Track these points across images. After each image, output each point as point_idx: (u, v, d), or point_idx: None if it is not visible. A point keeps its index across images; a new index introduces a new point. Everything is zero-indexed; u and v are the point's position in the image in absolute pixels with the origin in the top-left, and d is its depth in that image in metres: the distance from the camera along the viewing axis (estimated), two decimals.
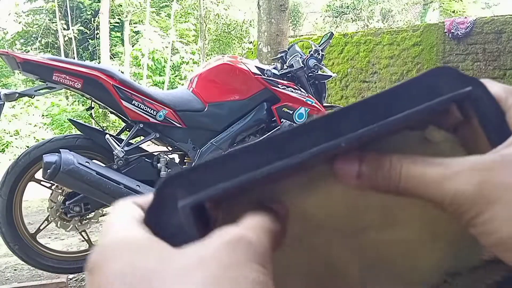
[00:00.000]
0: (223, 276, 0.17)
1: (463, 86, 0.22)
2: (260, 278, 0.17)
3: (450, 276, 0.25)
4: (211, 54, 13.47)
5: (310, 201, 0.24)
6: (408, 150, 0.23)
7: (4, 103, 1.99)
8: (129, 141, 2.16)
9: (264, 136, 0.22)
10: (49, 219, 2.16)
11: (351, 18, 13.90)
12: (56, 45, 14.50)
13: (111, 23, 13.33)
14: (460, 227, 0.21)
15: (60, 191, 2.11)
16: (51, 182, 2.02)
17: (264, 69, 2.37)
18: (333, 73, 2.70)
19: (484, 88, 0.23)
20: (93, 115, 2.40)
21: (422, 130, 0.24)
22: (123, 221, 0.21)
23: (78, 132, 2.18)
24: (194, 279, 0.16)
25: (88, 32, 14.06)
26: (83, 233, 2.26)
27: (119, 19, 13.89)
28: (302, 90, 2.40)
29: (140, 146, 2.20)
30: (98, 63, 7.77)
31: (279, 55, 2.68)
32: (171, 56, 13.55)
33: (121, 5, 13.38)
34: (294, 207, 0.23)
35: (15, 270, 2.53)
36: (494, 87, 0.23)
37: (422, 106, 0.21)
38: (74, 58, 12.41)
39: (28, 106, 9.67)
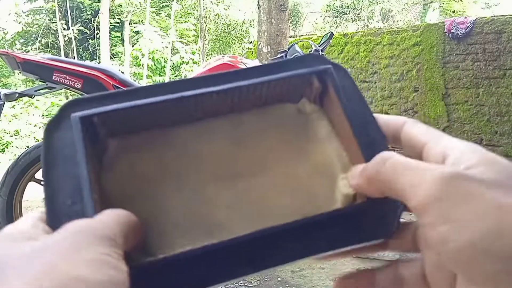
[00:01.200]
0: (59, 261, 0.18)
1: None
2: (100, 257, 0.19)
3: None
4: (211, 54, 13.47)
5: (196, 142, 0.27)
6: (286, 120, 0.28)
7: (4, 103, 1.99)
8: None
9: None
10: None
11: (351, 18, 13.90)
12: (56, 45, 14.49)
13: (111, 23, 13.33)
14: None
15: None
16: None
17: None
18: None
19: (343, 69, 0.28)
20: None
21: (296, 103, 0.29)
22: (29, 215, 0.24)
23: None
24: (31, 265, 0.18)
25: (88, 32, 14.06)
26: None
27: (119, 19, 13.89)
28: None
29: None
30: (98, 63, 7.78)
31: (279, 55, 2.68)
32: (171, 56, 13.55)
33: (121, 5, 13.38)
34: (178, 142, 0.26)
35: None
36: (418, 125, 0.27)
37: (290, 72, 0.26)
38: (74, 58, 12.40)
39: (28, 106, 9.68)
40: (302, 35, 10.30)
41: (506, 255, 0.19)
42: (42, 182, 0.23)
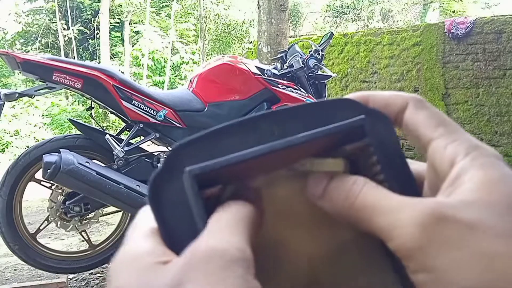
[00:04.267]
0: None
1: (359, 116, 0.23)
2: (242, 284, 0.17)
3: None
4: (211, 54, 13.46)
5: (285, 193, 0.24)
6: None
7: (4, 103, 1.99)
8: (129, 141, 2.16)
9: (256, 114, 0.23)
10: (49, 219, 2.16)
11: (351, 18, 13.90)
12: (56, 45, 14.49)
13: (111, 23, 13.33)
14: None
15: (60, 191, 2.11)
16: (51, 182, 2.02)
17: (264, 69, 2.37)
18: (333, 73, 2.70)
19: (383, 118, 0.23)
20: (93, 115, 2.40)
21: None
22: (137, 231, 0.21)
23: (78, 132, 2.18)
24: None
25: (88, 32, 14.06)
26: (83, 233, 2.25)
27: (119, 19, 13.89)
28: (302, 90, 2.40)
29: (140, 146, 2.19)
30: (98, 63, 7.77)
31: (279, 55, 2.68)
32: (171, 56, 13.55)
33: (121, 5, 13.38)
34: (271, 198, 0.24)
35: (15, 270, 2.53)
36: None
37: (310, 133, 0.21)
38: (74, 58, 12.40)
39: (28, 106, 9.68)
40: (302, 35, 10.30)
41: None
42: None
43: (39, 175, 2.07)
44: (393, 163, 0.23)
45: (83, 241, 2.41)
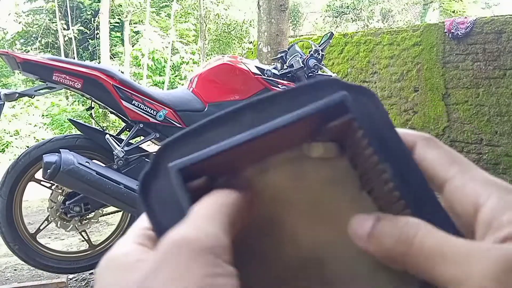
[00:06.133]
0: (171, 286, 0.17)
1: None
2: (210, 276, 0.17)
3: None
4: (211, 54, 13.46)
5: (282, 179, 0.24)
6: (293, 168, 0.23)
7: (4, 103, 1.99)
8: (129, 141, 2.16)
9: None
10: (49, 219, 2.16)
11: (351, 18, 13.90)
12: (56, 45, 14.49)
13: (111, 23, 13.32)
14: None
15: (60, 191, 2.11)
16: (51, 182, 2.02)
17: (264, 69, 2.37)
18: (333, 73, 2.70)
19: (367, 95, 0.23)
20: (93, 115, 2.40)
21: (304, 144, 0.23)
22: (127, 235, 0.22)
23: (78, 132, 2.18)
24: None
25: (88, 32, 14.05)
26: (83, 233, 2.26)
27: (119, 19, 13.88)
28: None
29: (140, 146, 2.19)
30: (98, 63, 7.77)
31: (279, 55, 2.68)
32: (171, 56, 13.54)
33: (121, 5, 13.37)
34: (267, 185, 0.24)
35: (15, 270, 2.53)
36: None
37: (295, 114, 0.21)
38: (74, 58, 12.40)
39: (28, 106, 9.68)
40: (302, 35, 10.30)
41: None
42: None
43: (39, 175, 2.07)
44: (381, 135, 0.22)
45: (83, 241, 2.41)
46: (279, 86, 2.34)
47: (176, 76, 13.98)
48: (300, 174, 0.24)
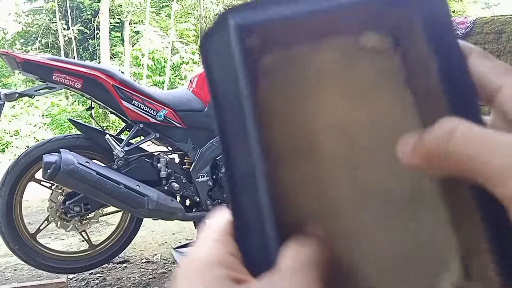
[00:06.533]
0: None
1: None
2: None
3: None
4: None
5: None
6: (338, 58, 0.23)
7: (4, 103, 1.99)
8: (129, 141, 2.16)
9: None
10: (49, 219, 2.16)
11: None
12: (56, 45, 14.49)
13: (111, 23, 13.33)
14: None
15: (60, 191, 2.11)
16: (51, 182, 2.02)
17: None
18: None
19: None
20: (93, 115, 2.40)
21: (356, 35, 0.23)
22: (206, 236, 0.21)
23: (78, 132, 2.18)
24: None
25: (88, 32, 14.06)
26: (83, 233, 2.26)
27: (119, 19, 13.89)
28: None
29: (140, 146, 2.19)
30: (98, 63, 7.78)
31: None
32: (171, 56, 13.54)
33: (121, 5, 13.37)
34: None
35: (15, 270, 2.53)
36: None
37: None
38: (74, 58, 12.41)
39: (28, 106, 9.68)
40: None
41: None
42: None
43: (39, 175, 2.07)
44: (440, 36, 0.21)
45: (83, 241, 2.41)
46: None
47: (176, 76, 13.98)
48: (352, 59, 0.24)
